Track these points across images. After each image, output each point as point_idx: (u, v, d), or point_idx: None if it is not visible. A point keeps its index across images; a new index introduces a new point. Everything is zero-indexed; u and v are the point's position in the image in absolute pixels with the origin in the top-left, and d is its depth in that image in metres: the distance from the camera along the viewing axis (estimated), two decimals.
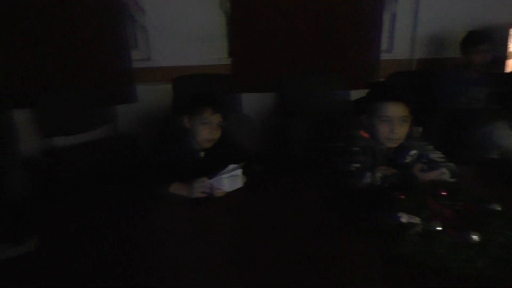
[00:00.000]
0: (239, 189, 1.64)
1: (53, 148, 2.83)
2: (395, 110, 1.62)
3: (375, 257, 1.25)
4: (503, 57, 3.24)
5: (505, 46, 3.25)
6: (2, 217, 1.26)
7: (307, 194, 1.68)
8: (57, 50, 2.83)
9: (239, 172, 1.61)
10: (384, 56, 3.31)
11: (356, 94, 3.00)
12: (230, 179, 1.59)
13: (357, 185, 1.58)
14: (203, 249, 1.31)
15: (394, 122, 1.62)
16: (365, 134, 1.71)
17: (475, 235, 1.15)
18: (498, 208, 1.28)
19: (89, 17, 2.80)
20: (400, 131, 1.64)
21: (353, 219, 1.43)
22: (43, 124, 2.80)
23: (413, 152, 1.70)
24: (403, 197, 1.33)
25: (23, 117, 2.74)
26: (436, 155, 1.71)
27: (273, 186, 1.76)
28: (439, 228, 1.19)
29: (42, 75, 2.85)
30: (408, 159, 1.69)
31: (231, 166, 1.60)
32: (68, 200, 1.72)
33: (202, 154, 1.78)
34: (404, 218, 1.24)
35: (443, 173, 1.58)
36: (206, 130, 1.69)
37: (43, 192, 2.24)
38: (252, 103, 3.20)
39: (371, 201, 1.45)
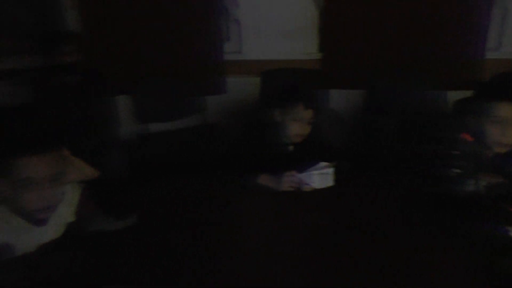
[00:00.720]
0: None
1: (148, 133, 3.03)
2: (509, 111, 1.47)
3: (472, 271, 1.15)
4: None
5: None
6: (107, 193, 1.37)
7: (396, 195, 1.59)
8: (155, 41, 3.00)
9: (330, 170, 1.58)
10: (490, 55, 3.03)
11: (454, 95, 2.80)
12: (321, 176, 1.57)
13: (456, 192, 1.47)
14: (284, 243, 1.30)
15: (506, 124, 1.47)
16: (469, 137, 1.57)
17: None
18: None
19: (186, 9, 2.92)
20: None
21: (447, 227, 1.33)
22: (140, 110, 3.00)
23: None
24: None
25: (123, 103, 2.94)
26: None
27: (361, 185, 1.69)
28: None
29: (141, 64, 3.03)
30: None
31: (323, 163, 1.58)
32: (159, 182, 1.80)
33: (291, 148, 1.77)
34: None
35: None
36: (297, 126, 1.68)
37: (137, 173, 2.40)
38: (339, 99, 3.13)
39: (472, 210, 1.34)
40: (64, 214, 1.32)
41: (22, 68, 2.98)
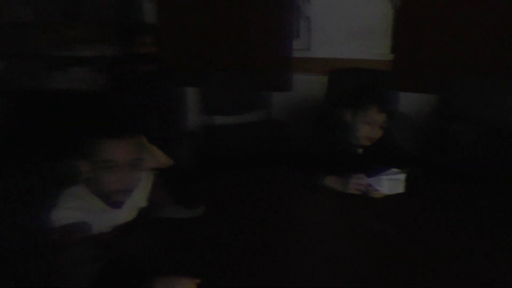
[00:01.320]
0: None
1: (213, 126, 3.09)
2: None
3: None
4: None
5: None
6: (177, 182, 1.41)
7: (471, 207, 1.50)
8: (226, 33, 3.04)
9: (402, 177, 1.52)
10: None
11: None
12: (391, 182, 1.51)
13: None
14: (346, 248, 1.27)
15: None
16: None
17: None
18: None
19: (258, 3, 2.93)
20: None
21: None
22: (206, 102, 3.07)
23: None
24: None
25: (191, 95, 3.02)
26: None
27: (432, 193, 1.62)
28: None
29: (210, 57, 3.09)
30: None
31: (394, 169, 1.52)
32: (224, 175, 1.83)
33: (360, 151, 1.72)
34: None
35: None
36: (369, 129, 1.63)
37: (202, 164, 2.46)
38: (410, 102, 3.00)
39: None
40: (137, 199, 1.37)
41: (99, 55, 3.16)
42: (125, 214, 1.34)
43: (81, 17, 3.10)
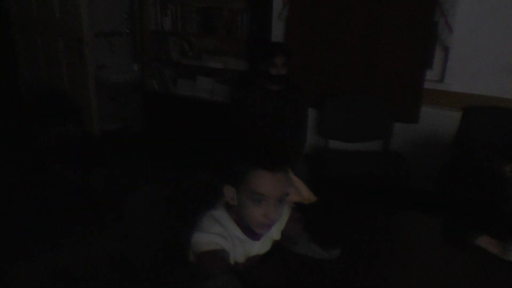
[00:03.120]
0: None
1: (328, 149, 3.01)
2: None
3: None
4: None
5: None
6: (313, 219, 1.35)
7: None
8: (355, 57, 2.94)
9: None
10: None
11: None
12: None
13: None
14: None
15: None
16: None
17: None
18: None
19: (396, 29, 2.79)
20: None
21: None
22: (325, 125, 3.00)
23: None
24: None
25: (311, 115, 2.99)
26: None
27: None
28: None
29: (336, 79, 3.02)
30: None
31: None
32: (343, 204, 1.73)
33: None
34: None
35: None
36: None
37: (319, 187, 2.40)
38: None
39: None
40: (273, 231, 1.34)
41: (226, 68, 3.26)
42: (260, 245, 1.32)
43: (215, 30, 3.23)
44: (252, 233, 1.25)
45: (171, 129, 3.53)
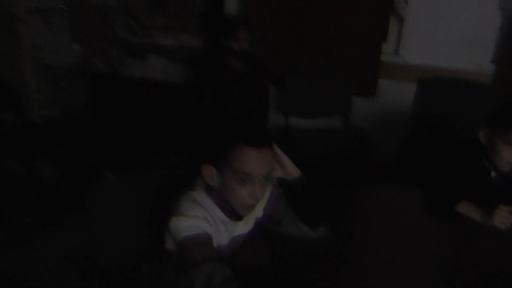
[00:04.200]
0: None
1: (288, 127, 2.95)
2: None
3: None
4: None
5: None
6: (299, 196, 1.26)
7: None
8: (311, 30, 2.87)
9: None
10: None
11: None
12: None
13: None
14: None
15: None
16: None
17: None
18: None
19: (355, 4, 2.75)
20: None
21: None
22: (284, 102, 2.93)
23: None
24: None
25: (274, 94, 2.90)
26: None
27: None
28: None
29: (292, 55, 2.95)
30: None
31: None
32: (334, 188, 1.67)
33: (493, 175, 1.53)
34: None
35: None
36: (510, 152, 1.42)
37: None
38: None
39: None
40: (255, 209, 1.25)
41: (180, 45, 3.08)
42: (244, 225, 1.23)
43: (165, 5, 3.02)
44: (235, 214, 1.15)
45: (120, 114, 3.30)
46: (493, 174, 1.52)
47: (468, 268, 1.20)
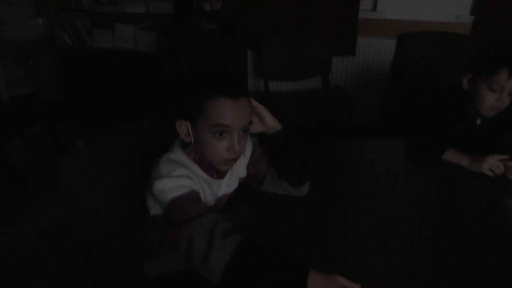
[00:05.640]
0: None
1: (267, 91, 2.88)
2: None
3: None
4: None
5: None
6: (280, 153, 1.21)
7: None
8: None
9: None
10: None
11: None
12: None
13: None
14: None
15: None
16: None
17: None
18: None
19: None
20: None
21: None
22: (263, 66, 2.84)
23: None
24: None
25: (252, 59, 2.81)
26: None
27: None
28: None
29: (270, 18, 2.85)
30: None
31: None
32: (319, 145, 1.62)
33: (478, 121, 1.50)
34: None
35: None
36: (494, 97, 1.38)
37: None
38: None
39: None
40: (238, 168, 1.19)
41: (148, 12, 2.93)
42: (227, 184, 1.17)
43: None
44: (216, 171, 1.09)
45: (92, 87, 3.17)
46: (478, 121, 1.49)
47: (455, 217, 1.17)
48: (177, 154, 1.07)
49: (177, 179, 1.00)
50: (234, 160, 1.06)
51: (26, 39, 3.19)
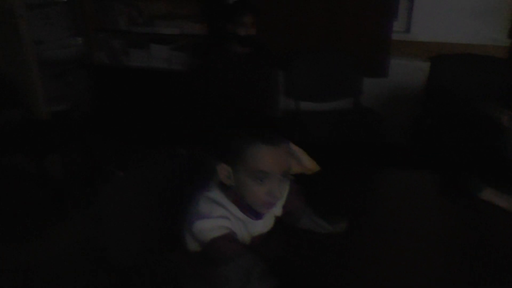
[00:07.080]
0: None
1: (298, 111, 2.88)
2: None
3: None
4: None
5: None
6: (315, 191, 1.22)
7: None
8: (319, 11, 2.78)
9: None
10: None
11: None
12: None
13: None
14: None
15: None
16: None
17: None
18: None
19: None
20: None
21: None
22: (293, 86, 2.85)
23: None
24: None
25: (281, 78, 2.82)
26: None
27: None
28: None
29: (301, 37, 2.86)
30: None
31: None
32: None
33: None
34: None
35: None
36: None
37: None
38: None
39: None
40: (274, 207, 1.21)
41: (182, 33, 3.00)
42: (263, 224, 1.19)
43: None
44: (254, 213, 1.11)
45: (127, 105, 3.25)
46: None
47: (489, 256, 1.15)
48: (216, 193, 1.11)
49: (217, 220, 1.03)
50: (274, 203, 1.09)
51: (65, 57, 3.32)
